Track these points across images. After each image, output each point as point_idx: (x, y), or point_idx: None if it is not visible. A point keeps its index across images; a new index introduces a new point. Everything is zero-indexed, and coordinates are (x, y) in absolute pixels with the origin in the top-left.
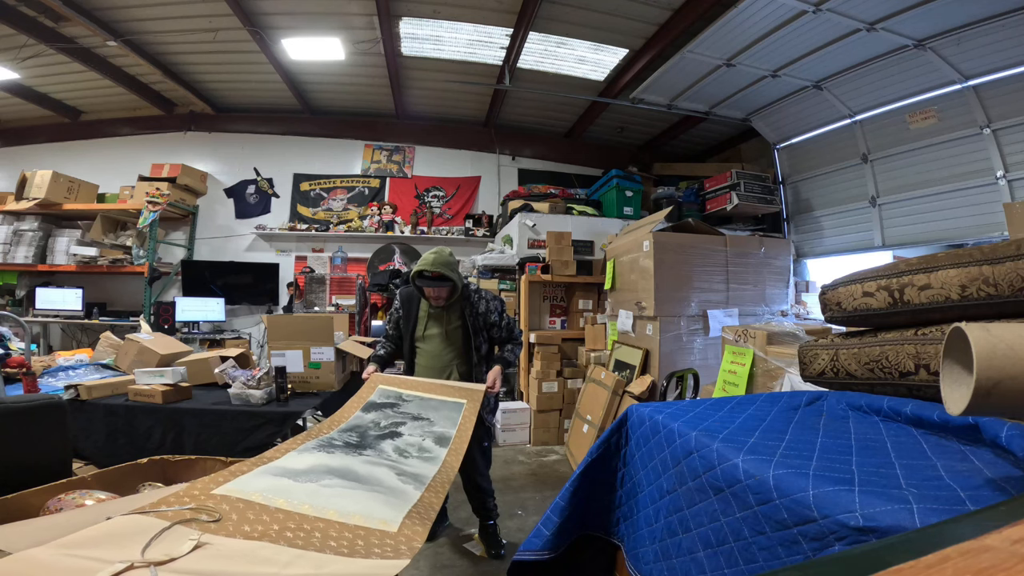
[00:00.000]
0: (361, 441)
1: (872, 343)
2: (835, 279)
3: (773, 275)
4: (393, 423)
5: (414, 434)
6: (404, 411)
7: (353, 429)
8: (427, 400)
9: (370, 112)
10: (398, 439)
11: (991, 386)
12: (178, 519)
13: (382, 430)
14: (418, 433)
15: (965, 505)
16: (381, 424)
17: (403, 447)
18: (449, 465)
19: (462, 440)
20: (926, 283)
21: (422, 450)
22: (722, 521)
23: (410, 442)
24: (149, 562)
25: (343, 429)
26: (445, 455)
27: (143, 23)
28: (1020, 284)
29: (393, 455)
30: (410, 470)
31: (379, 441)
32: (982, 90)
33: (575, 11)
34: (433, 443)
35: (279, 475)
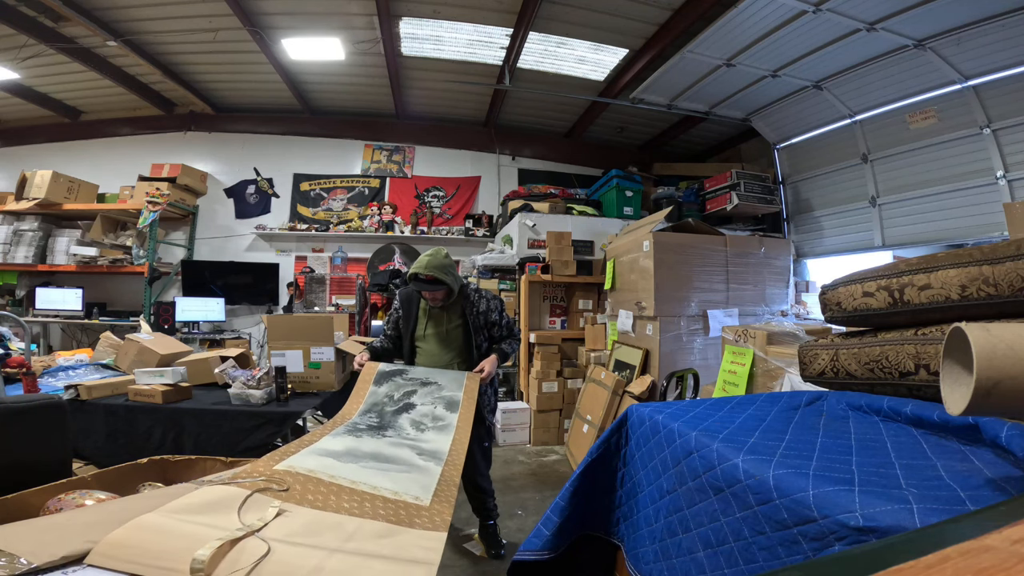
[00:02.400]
0: (381, 421)
1: (872, 343)
2: (835, 279)
3: (773, 275)
4: (405, 393)
5: (425, 402)
6: (412, 377)
7: (371, 409)
8: (430, 369)
9: (370, 112)
10: (412, 411)
11: (991, 386)
12: (255, 488)
13: (397, 403)
14: (429, 400)
15: (965, 505)
16: (395, 397)
17: (418, 419)
18: (461, 433)
19: (469, 408)
20: (926, 283)
21: (436, 419)
22: (722, 521)
23: (424, 412)
24: (252, 529)
25: (363, 412)
26: (456, 421)
27: (143, 23)
28: (1020, 284)
29: (412, 432)
30: (428, 447)
31: (396, 417)
32: (982, 90)
33: (575, 11)
34: (444, 409)
35: (323, 455)
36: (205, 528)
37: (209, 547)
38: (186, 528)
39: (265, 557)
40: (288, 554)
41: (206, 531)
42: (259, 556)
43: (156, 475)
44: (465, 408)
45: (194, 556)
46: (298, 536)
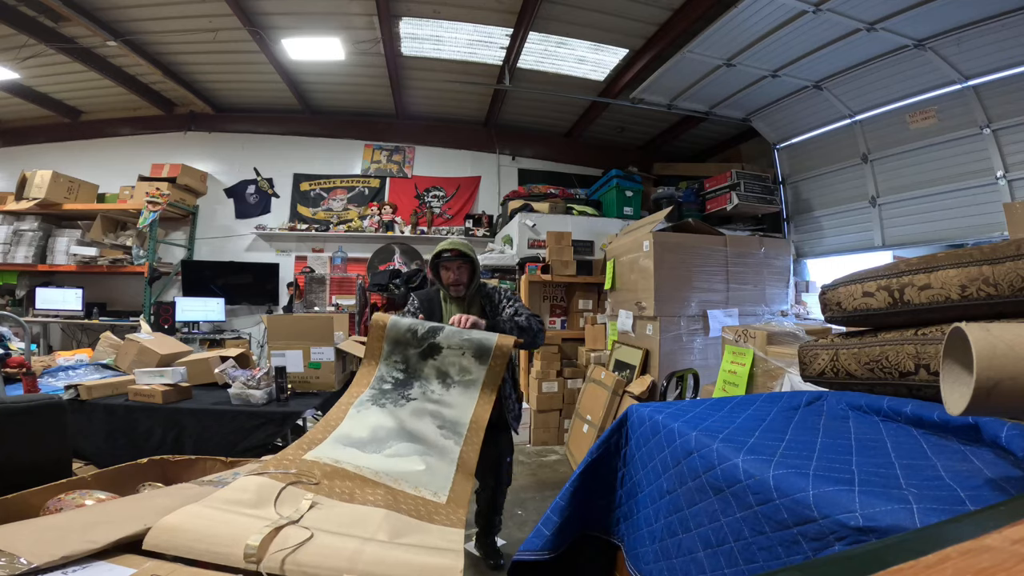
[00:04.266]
0: (407, 369)
1: (872, 343)
2: (835, 279)
3: (773, 275)
4: (430, 330)
5: (452, 344)
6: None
7: (395, 349)
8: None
9: (370, 112)
10: (439, 356)
11: (991, 386)
12: (288, 481)
13: (421, 342)
14: (456, 342)
15: (965, 505)
16: (419, 333)
17: (444, 367)
18: (484, 402)
19: (497, 369)
20: (926, 283)
21: (463, 371)
22: (722, 521)
23: (450, 359)
24: (292, 520)
25: (387, 355)
26: (482, 378)
27: (143, 23)
28: (1020, 284)
29: (436, 388)
30: (450, 414)
31: (422, 364)
32: (982, 90)
33: (575, 11)
34: (473, 358)
35: (349, 445)
36: (249, 518)
37: (259, 534)
38: (232, 518)
39: (308, 541)
40: (328, 539)
41: (250, 521)
42: (303, 539)
43: (156, 475)
44: (494, 367)
45: (247, 543)
46: (333, 525)
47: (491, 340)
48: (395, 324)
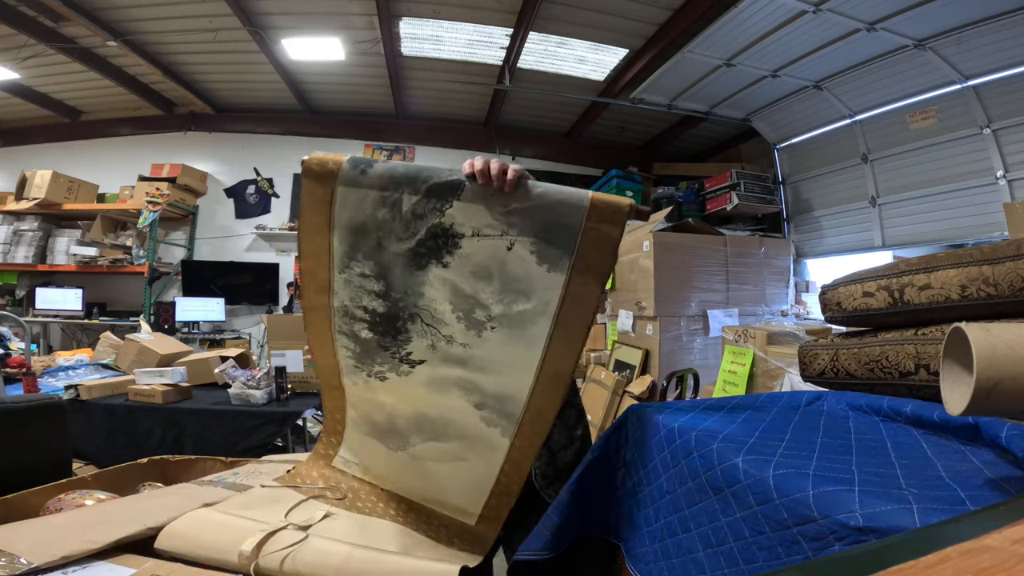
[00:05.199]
0: (387, 292)
1: (872, 343)
2: (835, 279)
3: (773, 275)
4: (432, 188)
5: (484, 232)
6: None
7: (359, 245)
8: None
9: (370, 112)
10: (451, 258)
11: (991, 386)
12: (311, 495)
13: (409, 229)
14: (492, 227)
15: (965, 505)
16: (404, 209)
17: (467, 289)
18: (557, 360)
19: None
20: (926, 283)
21: (509, 290)
22: (722, 521)
23: (478, 263)
24: (298, 525)
25: (345, 262)
26: (556, 307)
27: (143, 23)
28: (1020, 284)
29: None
30: (493, 386)
31: (416, 275)
32: (982, 90)
33: (575, 11)
34: (533, 254)
35: (370, 434)
36: (253, 523)
37: (252, 540)
38: (236, 522)
39: (302, 543)
40: (324, 544)
41: (254, 526)
42: (295, 541)
43: (156, 475)
44: (585, 281)
45: (241, 547)
46: (338, 535)
47: (580, 199)
48: (350, 196)
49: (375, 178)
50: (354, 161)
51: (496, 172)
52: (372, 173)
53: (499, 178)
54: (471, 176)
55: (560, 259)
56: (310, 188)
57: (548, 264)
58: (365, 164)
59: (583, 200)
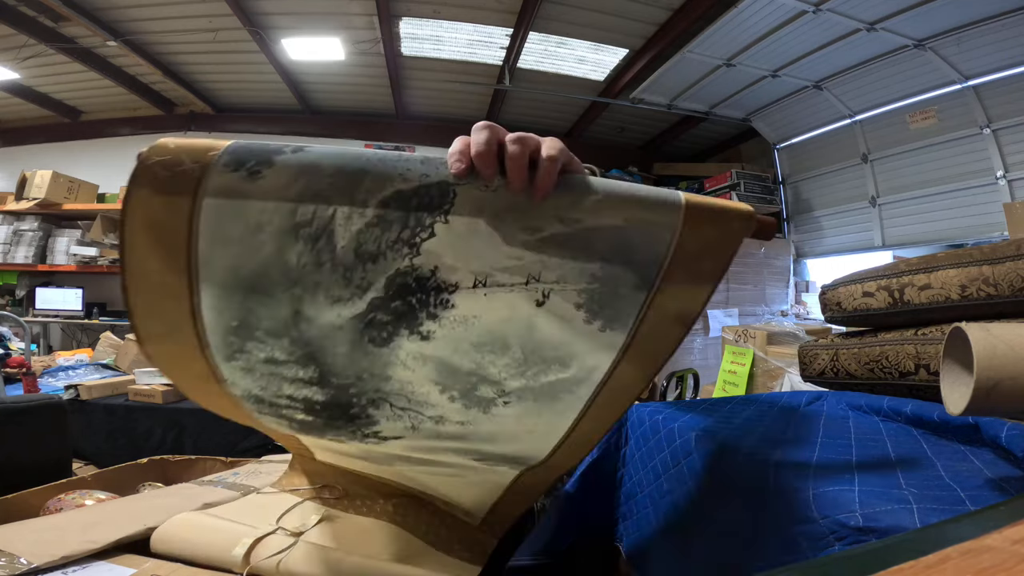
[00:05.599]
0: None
1: (872, 343)
2: (835, 279)
3: (773, 275)
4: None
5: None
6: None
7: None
8: None
9: (370, 112)
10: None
11: (991, 386)
12: (308, 496)
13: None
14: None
15: (965, 505)
16: (339, 246)
17: (467, 366)
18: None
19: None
20: (926, 283)
21: (536, 360)
22: (722, 521)
23: (485, 331)
24: (289, 531)
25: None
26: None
27: (143, 23)
28: (1020, 284)
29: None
30: (502, 452)
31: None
32: (982, 90)
33: (575, 11)
34: (582, 310)
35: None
36: (242, 527)
37: (241, 546)
38: (222, 525)
39: (291, 548)
40: (314, 549)
41: (246, 530)
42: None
43: (156, 475)
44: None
45: (231, 552)
46: (331, 541)
47: (670, 205)
48: (234, 191)
49: (280, 181)
50: (237, 152)
51: (516, 159)
52: (273, 173)
53: (520, 170)
54: (468, 172)
55: (625, 312)
56: (145, 208)
57: (603, 321)
58: (259, 156)
59: (674, 206)
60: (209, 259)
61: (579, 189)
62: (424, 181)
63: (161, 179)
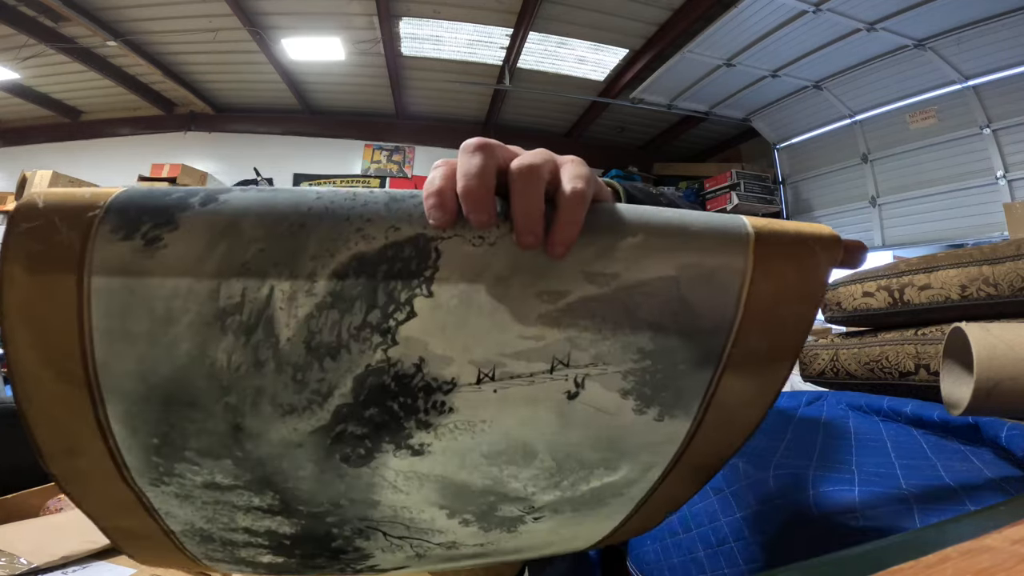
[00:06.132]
0: (275, 489)
1: (872, 343)
2: (835, 279)
3: None
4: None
5: (508, 370)
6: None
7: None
8: None
9: (370, 112)
10: (429, 438)
11: (991, 386)
12: None
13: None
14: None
15: (965, 505)
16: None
17: (479, 483)
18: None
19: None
20: (926, 283)
21: (572, 468)
22: (722, 521)
23: (500, 437)
24: None
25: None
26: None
27: (143, 23)
28: (1020, 284)
29: (459, 531)
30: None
31: (349, 477)
32: (982, 90)
33: (575, 11)
34: (634, 400)
35: None
36: None
37: None
38: None
39: None
40: None
41: None
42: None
43: None
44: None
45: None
46: None
47: (734, 238)
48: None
49: (190, 250)
50: (125, 210)
51: (527, 200)
52: (178, 238)
53: (532, 223)
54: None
55: (687, 393)
56: (19, 293)
57: (660, 408)
58: (156, 214)
59: (740, 240)
60: (107, 362)
61: (611, 229)
62: (393, 237)
63: (34, 253)
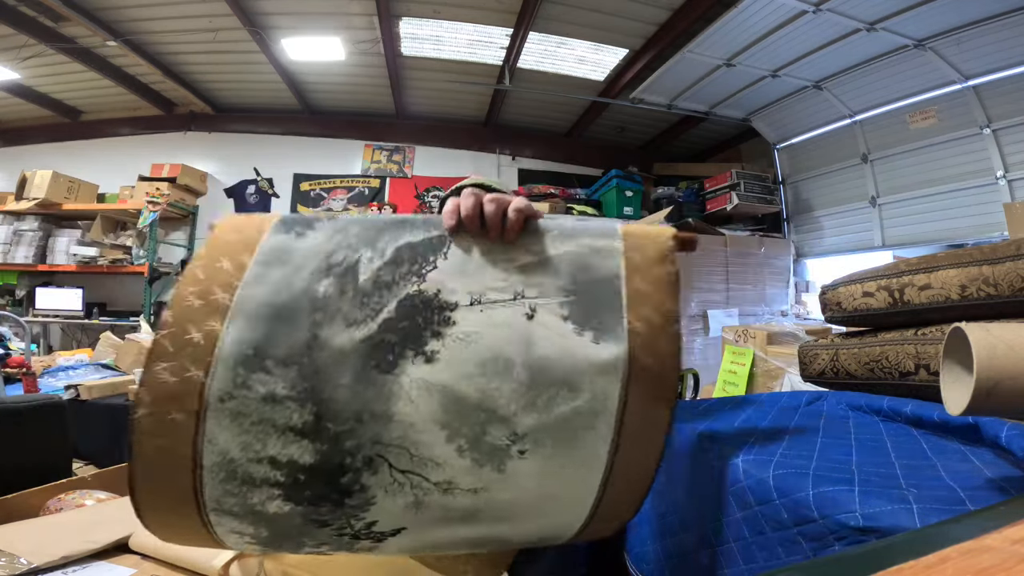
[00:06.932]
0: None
1: (872, 343)
2: (835, 279)
3: (773, 275)
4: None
5: (489, 297)
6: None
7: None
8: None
9: (370, 112)
10: (439, 345)
11: (991, 386)
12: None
13: (368, 305)
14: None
15: (965, 505)
16: (362, 279)
17: (473, 394)
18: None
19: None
20: (926, 283)
21: (542, 382)
22: (722, 521)
23: (487, 348)
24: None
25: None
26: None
27: (143, 23)
28: (1020, 284)
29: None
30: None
31: (378, 383)
32: (982, 90)
33: (575, 11)
34: (567, 320)
35: None
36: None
37: (224, 557)
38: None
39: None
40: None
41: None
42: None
43: None
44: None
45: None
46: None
47: (609, 236)
48: (281, 255)
49: (320, 237)
50: (288, 219)
51: (491, 216)
52: (315, 232)
53: (495, 223)
54: (457, 228)
55: (609, 321)
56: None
57: (593, 331)
58: (300, 224)
59: (614, 236)
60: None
61: (540, 229)
62: (428, 234)
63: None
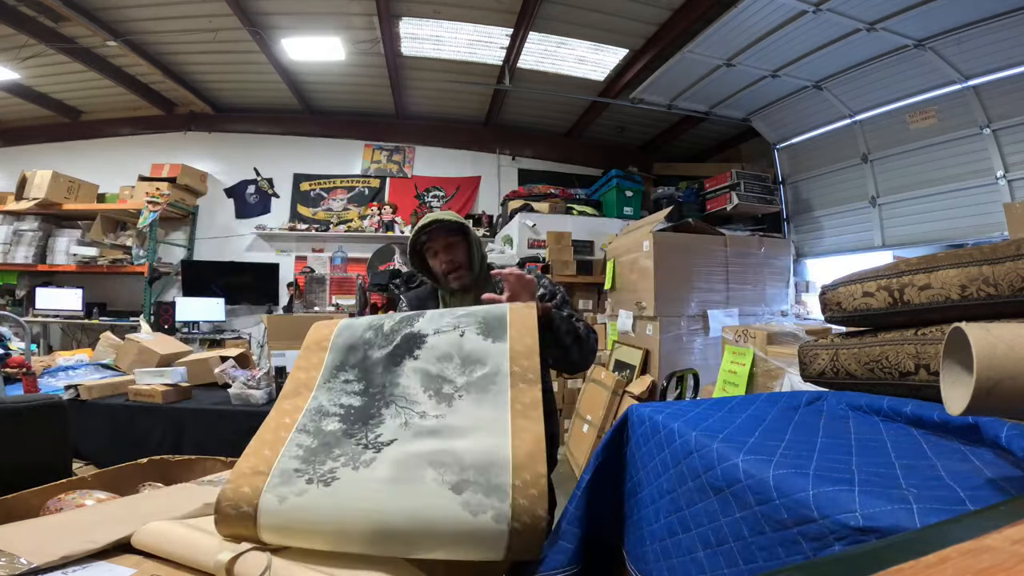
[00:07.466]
0: (366, 389)
1: (872, 343)
2: (835, 279)
3: (773, 275)
4: (403, 319)
5: (442, 329)
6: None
7: (346, 358)
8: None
9: (370, 112)
10: (420, 351)
11: (991, 386)
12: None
13: (388, 340)
14: (447, 324)
15: (965, 505)
16: (385, 328)
17: (435, 371)
18: (525, 410)
19: (526, 339)
20: (926, 283)
21: (468, 362)
22: (722, 521)
23: (441, 351)
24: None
25: (331, 369)
26: (507, 362)
27: (143, 23)
28: (1020, 284)
29: (428, 406)
30: (471, 454)
31: (394, 371)
32: (982, 90)
33: (575, 11)
34: (479, 335)
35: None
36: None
37: (229, 552)
38: (196, 536)
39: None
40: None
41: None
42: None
43: (156, 475)
44: (523, 343)
45: (216, 558)
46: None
47: (501, 308)
48: (348, 327)
49: (362, 324)
50: (346, 323)
51: (508, 287)
52: (358, 322)
53: (507, 288)
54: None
55: (500, 332)
56: (313, 340)
57: (493, 338)
58: (351, 321)
59: (503, 307)
60: (335, 343)
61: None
62: (410, 316)
63: (315, 333)
